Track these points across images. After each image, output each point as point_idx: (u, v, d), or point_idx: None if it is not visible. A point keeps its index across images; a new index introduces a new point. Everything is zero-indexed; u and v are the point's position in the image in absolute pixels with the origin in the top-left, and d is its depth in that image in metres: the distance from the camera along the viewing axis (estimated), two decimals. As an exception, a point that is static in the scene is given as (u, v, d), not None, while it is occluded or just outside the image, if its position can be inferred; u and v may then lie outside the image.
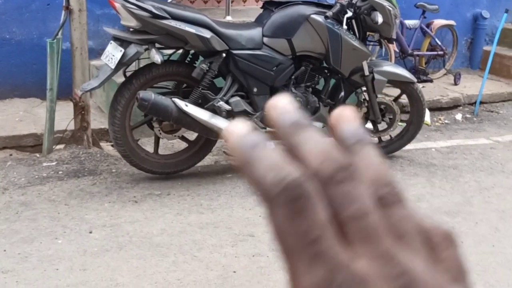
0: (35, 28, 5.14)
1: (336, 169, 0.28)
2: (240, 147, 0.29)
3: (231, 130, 0.29)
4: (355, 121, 0.31)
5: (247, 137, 0.29)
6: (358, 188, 0.28)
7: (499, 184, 4.16)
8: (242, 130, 0.29)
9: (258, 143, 0.29)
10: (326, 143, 0.29)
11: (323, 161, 0.28)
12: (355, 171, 0.28)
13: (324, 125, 4.19)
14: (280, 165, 0.28)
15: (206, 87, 3.82)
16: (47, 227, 3.31)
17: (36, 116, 4.77)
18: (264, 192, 0.28)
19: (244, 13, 5.53)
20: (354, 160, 0.29)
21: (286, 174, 0.27)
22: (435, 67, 6.52)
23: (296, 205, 0.27)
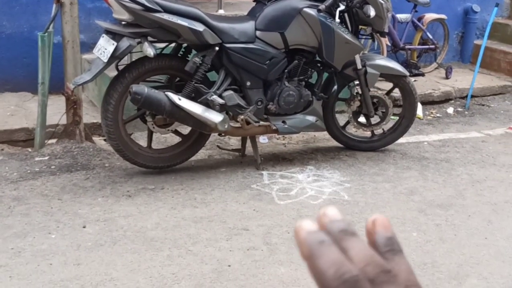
0: (26, 21, 5.09)
1: (378, 273, 0.34)
2: (308, 241, 0.36)
3: (301, 226, 0.37)
4: (389, 229, 0.38)
5: (314, 234, 0.36)
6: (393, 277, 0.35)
7: (491, 177, 4.18)
8: (311, 227, 0.36)
9: (324, 240, 0.35)
10: (370, 250, 0.36)
11: (367, 264, 0.35)
12: (394, 276, 0.35)
13: (317, 119, 4.19)
14: (341, 263, 0.34)
15: (199, 81, 3.81)
16: (40, 222, 3.30)
17: (28, 110, 4.73)
18: (324, 283, 0.34)
19: (237, 7, 5.51)
20: (391, 266, 0.36)
21: (345, 271, 0.34)
22: (426, 61, 6.54)
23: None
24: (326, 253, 0.35)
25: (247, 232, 3.28)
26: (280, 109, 4.04)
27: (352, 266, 0.34)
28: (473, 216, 3.58)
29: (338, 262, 0.34)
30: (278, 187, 3.86)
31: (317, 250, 0.35)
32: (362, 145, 4.52)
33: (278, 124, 4.08)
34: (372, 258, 0.35)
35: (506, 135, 5.11)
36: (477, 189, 3.97)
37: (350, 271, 0.34)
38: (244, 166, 4.17)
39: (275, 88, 4.01)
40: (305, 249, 0.36)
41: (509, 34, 6.91)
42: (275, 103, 4.01)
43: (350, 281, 0.33)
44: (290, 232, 3.29)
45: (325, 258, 0.34)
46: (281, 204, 3.63)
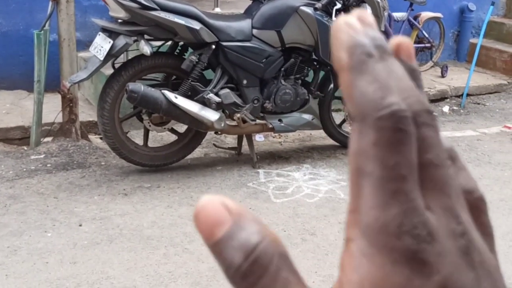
0: (22, 19, 5.08)
1: (421, 111, 0.26)
2: (354, 47, 0.26)
3: (347, 21, 0.27)
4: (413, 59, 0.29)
5: (365, 37, 0.26)
6: (437, 135, 0.27)
7: (486, 175, 4.20)
8: (357, 25, 0.27)
9: (372, 54, 0.26)
10: (409, 77, 0.27)
11: (409, 97, 0.26)
12: (434, 118, 0.27)
13: (313, 117, 4.20)
14: (390, 89, 0.26)
15: (196, 79, 3.81)
16: (36, 220, 3.29)
17: (23, 108, 4.72)
18: (364, 108, 0.26)
19: (233, 5, 5.51)
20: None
21: (395, 101, 0.25)
22: (422, 60, 6.55)
23: (396, 136, 0.25)
24: (373, 71, 0.26)
25: (244, 230, 3.28)
26: (277, 108, 4.05)
27: (401, 100, 0.26)
28: (469, 215, 3.59)
29: (387, 87, 0.26)
30: (274, 185, 3.87)
31: (362, 63, 0.26)
32: (358, 143, 4.52)
33: (275, 122, 4.08)
34: (414, 92, 0.27)
35: (502, 133, 5.13)
36: (473, 187, 3.98)
37: (399, 103, 0.25)
38: (240, 164, 4.17)
39: (271, 86, 4.02)
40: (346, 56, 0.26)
41: (504, 33, 6.93)
42: (272, 102, 4.02)
43: (398, 116, 0.25)
44: (287, 231, 3.29)
45: (370, 76, 0.26)
46: (277, 202, 3.63)
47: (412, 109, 0.26)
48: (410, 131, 0.26)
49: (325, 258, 3.04)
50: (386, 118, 0.25)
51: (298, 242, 3.18)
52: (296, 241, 3.20)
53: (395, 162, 0.25)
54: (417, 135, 0.26)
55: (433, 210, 0.26)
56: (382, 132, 0.25)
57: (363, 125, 0.26)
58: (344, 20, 0.27)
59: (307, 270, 2.91)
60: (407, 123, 0.25)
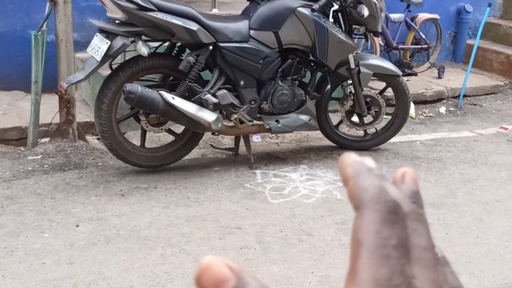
0: (19, 20, 5.08)
1: (413, 210, 0.35)
2: (356, 166, 0.35)
3: (349, 155, 0.36)
4: (417, 184, 0.38)
5: (364, 164, 0.36)
6: (424, 229, 0.35)
7: (483, 176, 4.21)
8: (359, 158, 0.36)
9: (372, 169, 0.35)
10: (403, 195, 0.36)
11: (404, 202, 0.35)
12: (425, 219, 0.35)
13: (310, 118, 4.21)
14: (385, 188, 0.34)
15: (193, 80, 3.81)
16: (33, 221, 3.29)
17: (21, 109, 4.72)
18: (365, 198, 0.34)
19: (231, 6, 5.52)
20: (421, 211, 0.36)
21: (389, 195, 0.34)
22: (419, 61, 6.57)
23: (390, 216, 0.33)
24: (372, 177, 0.35)
25: (240, 231, 3.29)
26: (274, 108, 4.05)
27: (394, 197, 0.34)
28: (465, 215, 3.61)
29: (383, 187, 0.34)
30: (271, 186, 3.87)
31: (363, 173, 0.35)
32: (355, 144, 4.54)
33: (272, 123, 4.09)
34: (407, 200, 0.35)
35: (498, 134, 5.14)
36: (469, 188, 4.00)
37: (392, 197, 0.34)
38: (238, 165, 4.18)
39: (268, 87, 4.02)
40: (350, 170, 0.35)
41: (501, 34, 6.95)
42: (269, 102, 4.02)
43: (391, 203, 0.33)
44: (283, 231, 3.30)
45: (370, 180, 0.34)
46: (274, 203, 3.64)
47: (404, 207, 0.34)
48: (402, 216, 0.34)
49: (321, 258, 3.05)
50: (383, 203, 0.33)
51: (294, 243, 3.19)
52: (293, 241, 3.21)
53: (387, 234, 0.33)
54: (410, 226, 0.34)
55: (418, 279, 0.33)
56: (379, 213, 0.33)
57: (364, 210, 0.34)
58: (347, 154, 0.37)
59: (304, 271, 2.92)
60: (399, 210, 0.34)
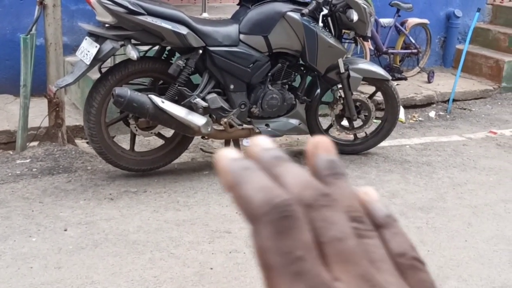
0: (8, 23, 5.06)
1: (316, 196, 0.30)
2: (232, 168, 0.30)
3: (222, 154, 0.31)
4: (331, 152, 0.33)
5: (238, 161, 0.31)
6: (336, 214, 0.30)
7: (472, 180, 4.23)
8: (234, 155, 0.31)
9: (249, 166, 0.30)
10: (306, 175, 0.31)
11: (304, 188, 0.30)
12: (334, 199, 0.31)
13: (300, 122, 4.21)
14: (270, 187, 0.30)
15: (183, 84, 3.81)
16: (21, 225, 3.27)
17: (9, 113, 4.70)
18: (251, 211, 0.29)
19: (221, 10, 5.52)
20: (331, 190, 0.32)
21: (276, 195, 0.29)
22: (409, 65, 6.59)
23: (283, 224, 0.29)
24: (253, 179, 0.30)
25: (230, 235, 3.28)
26: (264, 112, 4.05)
27: (283, 191, 0.30)
28: (454, 219, 3.62)
29: (267, 187, 0.29)
30: (261, 190, 3.87)
31: (242, 176, 0.30)
32: (345, 148, 4.55)
33: (261, 127, 4.09)
34: (310, 183, 0.31)
35: (487, 139, 5.17)
36: (458, 192, 4.02)
37: (280, 195, 0.29)
38: (227, 169, 4.17)
39: (258, 91, 4.03)
40: (228, 177, 0.30)
41: (490, 39, 7.00)
42: (259, 106, 4.02)
43: (281, 206, 0.29)
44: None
45: (252, 184, 0.29)
46: (264, 207, 3.63)
47: (305, 197, 0.30)
48: (298, 216, 0.29)
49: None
50: (270, 212, 0.29)
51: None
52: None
53: (289, 247, 0.29)
54: (316, 217, 0.30)
55: (342, 280, 0.29)
56: (271, 225, 0.29)
57: (256, 226, 0.29)
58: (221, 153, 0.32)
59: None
60: (292, 210, 0.29)
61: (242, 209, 0.30)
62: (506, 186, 4.16)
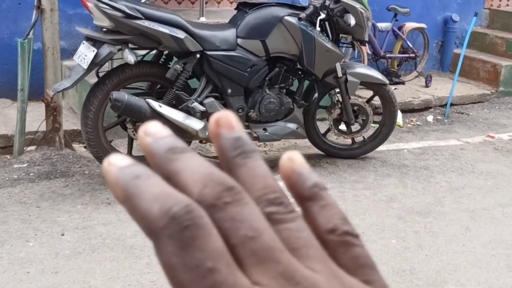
0: (6, 27, 5.06)
1: (219, 193, 0.27)
2: (120, 180, 0.27)
3: (110, 163, 0.27)
4: (236, 128, 0.29)
5: (127, 168, 0.27)
6: (245, 209, 0.27)
7: (469, 184, 4.23)
8: (121, 162, 0.27)
9: (139, 174, 0.27)
10: (206, 166, 0.27)
11: (205, 186, 0.27)
12: (239, 192, 0.27)
13: (298, 127, 4.21)
14: (166, 195, 0.26)
15: (180, 88, 3.81)
16: (18, 230, 3.26)
17: (7, 117, 4.69)
18: (149, 227, 0.26)
19: (218, 14, 5.53)
20: (239, 176, 0.28)
21: (173, 203, 0.26)
22: (407, 70, 6.60)
23: (186, 235, 0.25)
24: (145, 188, 0.26)
25: (227, 239, 3.27)
26: (261, 117, 4.05)
27: (182, 195, 0.26)
28: (451, 223, 3.62)
29: (162, 195, 0.26)
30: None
31: (133, 188, 0.26)
32: (342, 152, 4.55)
33: (259, 131, 4.09)
34: (210, 176, 0.27)
35: (485, 143, 5.18)
36: (456, 196, 4.02)
37: (178, 202, 0.25)
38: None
39: (256, 95, 4.03)
40: (119, 190, 0.26)
41: (488, 44, 7.02)
42: (256, 111, 4.02)
43: (180, 216, 0.25)
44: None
45: (144, 194, 0.26)
46: (262, 211, 3.63)
47: (207, 196, 0.26)
48: (200, 223, 0.26)
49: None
50: (170, 224, 0.25)
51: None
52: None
53: (197, 261, 0.25)
54: (223, 217, 0.26)
55: (262, 283, 0.26)
56: (172, 239, 0.25)
57: (158, 242, 0.26)
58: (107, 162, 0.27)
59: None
60: (193, 217, 0.25)
61: (140, 225, 0.26)
62: (504, 190, 4.16)
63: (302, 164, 0.30)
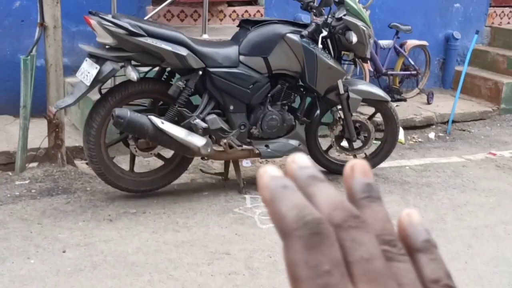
0: (9, 44, 5.09)
1: (346, 217, 0.32)
2: (271, 185, 0.33)
3: (265, 171, 0.34)
4: (368, 175, 0.35)
5: (278, 179, 0.33)
6: (365, 236, 0.32)
7: (471, 201, 4.22)
8: (275, 172, 0.34)
9: (287, 185, 0.33)
10: (339, 195, 0.33)
11: (335, 209, 0.32)
12: (363, 221, 0.32)
13: (300, 143, 4.21)
14: (303, 206, 0.32)
15: (183, 105, 3.82)
16: (19, 247, 3.25)
17: (9, 133, 4.70)
18: (284, 227, 0.32)
19: (221, 31, 5.56)
20: (364, 212, 0.34)
21: (308, 213, 0.31)
22: (408, 87, 6.62)
23: (313, 239, 0.31)
24: (289, 197, 0.32)
25: (229, 256, 3.26)
26: (263, 133, 4.06)
27: (316, 210, 0.32)
28: (454, 241, 3.60)
29: (301, 205, 0.32)
30: (261, 211, 3.86)
31: (279, 194, 0.32)
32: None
33: (261, 148, 4.09)
34: (341, 204, 0.33)
35: (487, 160, 5.17)
36: (458, 213, 4.00)
37: (312, 213, 0.31)
38: (227, 190, 4.16)
39: (258, 112, 4.04)
40: (267, 193, 0.33)
41: (489, 61, 7.04)
42: (258, 127, 4.03)
43: (312, 223, 0.31)
44: (272, 257, 3.28)
45: (286, 201, 0.32)
46: (264, 228, 3.62)
47: (335, 217, 0.32)
48: (327, 233, 0.31)
49: (310, 284, 3.02)
50: (302, 227, 0.31)
51: (283, 269, 3.14)
52: (282, 267, 3.18)
53: (317, 261, 0.30)
54: (345, 237, 0.31)
55: None
56: (301, 240, 0.31)
57: (287, 239, 0.31)
58: (264, 169, 0.34)
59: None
60: (322, 227, 0.31)
61: (276, 224, 0.32)
62: (506, 207, 4.14)
63: (419, 221, 0.36)
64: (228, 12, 5.96)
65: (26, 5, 5.02)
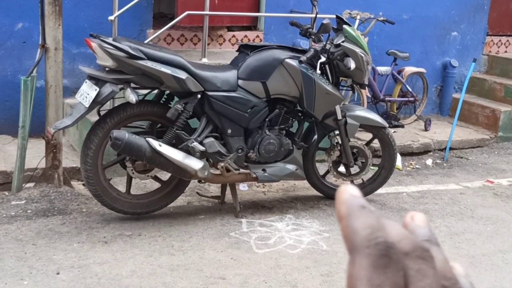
0: (10, 65, 5.11)
1: (415, 247, 0.34)
2: (349, 202, 0.35)
3: (346, 188, 0.36)
4: (426, 224, 0.38)
5: (358, 198, 0.36)
6: (430, 269, 0.34)
7: (469, 229, 4.20)
8: (355, 192, 0.36)
9: (365, 206, 0.35)
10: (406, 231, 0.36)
11: (405, 239, 0.34)
12: (431, 256, 0.35)
13: (297, 168, 4.21)
14: (378, 227, 0.34)
15: (181, 128, 3.83)
16: (13, 268, 3.23)
17: (7, 153, 4.70)
18: (354, 242, 0.33)
19: (220, 56, 5.60)
20: None
21: (381, 235, 0.33)
22: (406, 113, 6.65)
23: (381, 260, 0.32)
24: (364, 216, 0.34)
25: (224, 281, 3.24)
26: (261, 157, 4.06)
27: (388, 236, 0.34)
28: (451, 268, 3.57)
29: (375, 226, 0.33)
30: (257, 235, 3.84)
31: (356, 212, 0.34)
32: (341, 195, 4.52)
33: (258, 172, 4.09)
34: (410, 236, 0.35)
35: (484, 187, 5.17)
36: (455, 241, 3.99)
37: (385, 237, 0.33)
38: (223, 213, 4.15)
39: (256, 136, 4.05)
40: (344, 208, 0.35)
41: (486, 89, 7.08)
42: (256, 151, 4.03)
43: (383, 245, 0.33)
44: (268, 282, 3.25)
45: (362, 220, 0.34)
46: (259, 252, 3.60)
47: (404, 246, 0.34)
48: (396, 259, 0.33)
49: (306, 311, 3.00)
50: (373, 246, 0.33)
51: (279, 294, 3.14)
52: (277, 293, 3.15)
53: (380, 281, 0.32)
54: (411, 266, 0.33)
55: None
56: (369, 258, 0.33)
57: (356, 255, 0.33)
58: (345, 187, 0.36)
59: (287, 323, 2.86)
60: (391, 252, 0.33)
61: (347, 239, 0.34)
62: (504, 236, 4.13)
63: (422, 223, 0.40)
64: (228, 36, 6.01)
65: (28, 27, 5.07)
